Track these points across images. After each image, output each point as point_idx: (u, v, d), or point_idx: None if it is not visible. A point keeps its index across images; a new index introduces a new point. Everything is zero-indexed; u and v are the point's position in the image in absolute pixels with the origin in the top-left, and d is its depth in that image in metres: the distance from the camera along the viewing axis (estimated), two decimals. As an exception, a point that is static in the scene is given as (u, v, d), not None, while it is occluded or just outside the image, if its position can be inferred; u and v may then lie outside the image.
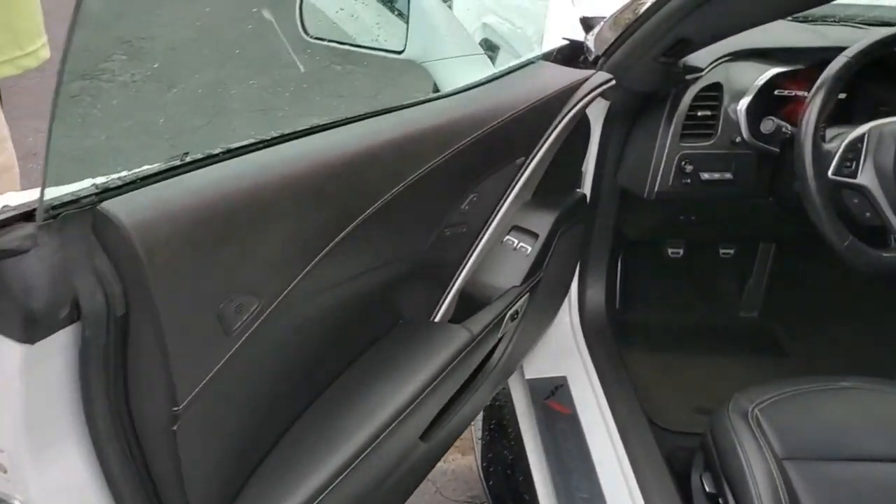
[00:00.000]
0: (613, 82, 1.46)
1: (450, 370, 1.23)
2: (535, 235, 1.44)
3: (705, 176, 1.57)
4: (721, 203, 1.62)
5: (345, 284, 1.08)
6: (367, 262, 1.10)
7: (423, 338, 1.23)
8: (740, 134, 1.58)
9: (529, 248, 1.43)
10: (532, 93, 1.40)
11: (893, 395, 1.43)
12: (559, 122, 1.42)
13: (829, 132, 1.41)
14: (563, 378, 1.75)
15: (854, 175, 1.34)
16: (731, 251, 2.10)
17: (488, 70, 1.53)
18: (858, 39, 1.61)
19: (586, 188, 1.80)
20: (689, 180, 1.57)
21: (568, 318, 1.87)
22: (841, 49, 1.60)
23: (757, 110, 1.64)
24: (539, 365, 1.75)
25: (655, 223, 1.74)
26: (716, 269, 2.25)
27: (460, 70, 1.50)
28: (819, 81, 1.34)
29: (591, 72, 1.48)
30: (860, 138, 1.34)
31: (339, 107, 4.28)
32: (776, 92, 1.66)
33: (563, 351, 1.81)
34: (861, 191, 1.35)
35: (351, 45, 1.42)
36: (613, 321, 1.90)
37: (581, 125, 1.60)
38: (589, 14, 1.92)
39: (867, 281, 1.37)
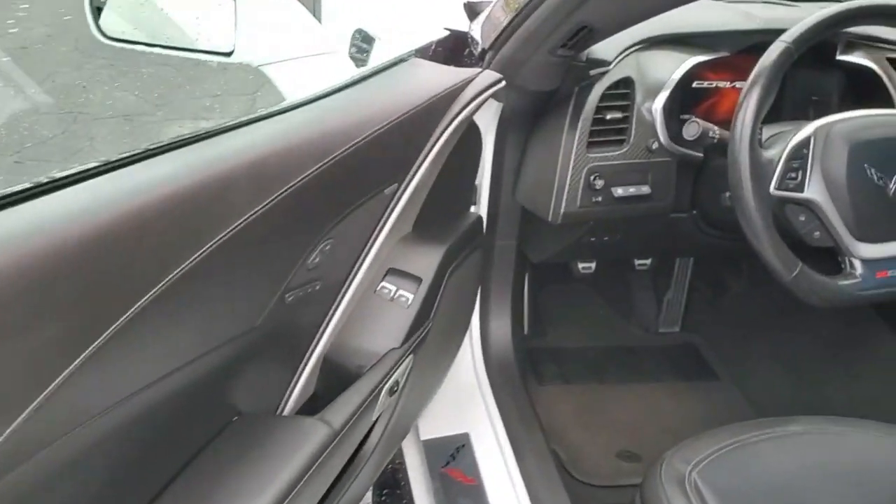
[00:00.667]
0: (503, 83, 1.17)
1: (309, 476, 0.92)
2: (418, 280, 1.14)
3: (619, 192, 1.30)
4: (638, 220, 1.36)
5: (146, 386, 0.75)
6: (170, 352, 0.77)
7: (263, 439, 0.91)
8: (657, 139, 1.32)
9: (410, 297, 1.12)
10: (401, 101, 1.09)
11: (848, 439, 1.20)
12: (439, 135, 1.12)
13: (766, 133, 1.16)
14: (466, 436, 1.46)
15: (800, 188, 1.09)
16: (648, 262, 1.86)
17: (350, 73, 1.22)
18: (791, 19, 1.37)
19: (482, 206, 1.52)
20: (599, 198, 1.30)
21: (469, 356, 1.59)
22: (773, 32, 1.36)
23: (675, 108, 1.39)
24: (436, 421, 1.46)
25: (562, 247, 1.47)
26: (631, 283, 2.01)
27: (311, 74, 1.18)
28: (754, 74, 1.09)
29: (476, 70, 1.18)
30: (805, 143, 1.10)
31: (214, 107, 3.87)
32: (694, 84, 1.41)
33: (465, 400, 1.52)
34: (809, 206, 1.10)
35: (163, 46, 1.08)
36: (521, 354, 1.63)
37: (469, 134, 1.31)
38: (475, -3, 1.63)
39: (815, 309, 1.14)
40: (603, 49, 1.30)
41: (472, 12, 1.60)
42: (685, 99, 1.42)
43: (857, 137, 1.10)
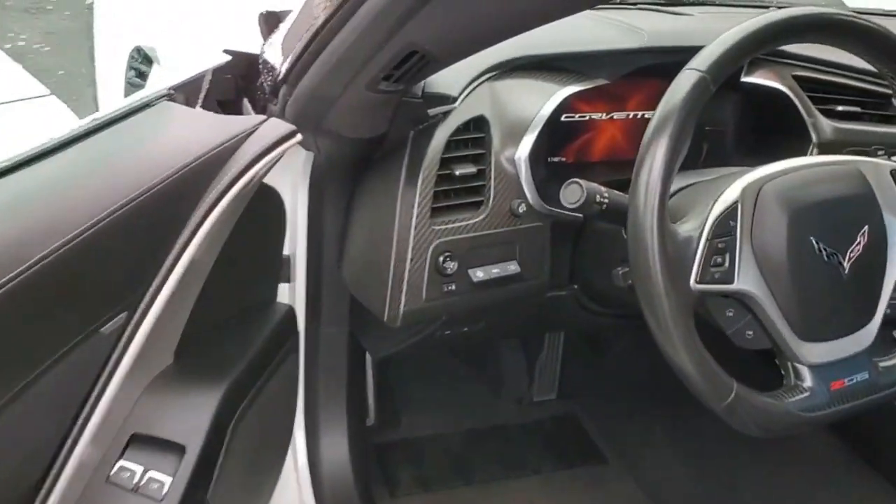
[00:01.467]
0: (298, 137, 0.78)
1: None
2: (180, 449, 0.73)
3: (478, 275, 0.94)
4: (505, 303, 1.01)
5: None
6: None
7: None
8: (524, 199, 0.97)
9: (167, 482, 0.71)
10: (134, 175, 0.69)
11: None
12: (201, 219, 0.72)
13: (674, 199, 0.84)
14: None
15: (729, 277, 0.77)
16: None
17: (60, 129, 0.78)
18: (683, 33, 1.06)
19: (298, 284, 1.12)
20: (452, 285, 0.93)
21: (294, 486, 1.19)
22: (662, 51, 1.04)
23: (541, 150, 1.05)
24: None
25: (406, 344, 1.09)
26: (499, 347, 1.67)
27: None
28: (659, 118, 0.76)
29: (256, 119, 0.79)
30: (730, 212, 0.78)
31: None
32: (563, 117, 1.08)
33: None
34: (740, 299, 0.79)
35: None
36: (363, 464, 1.25)
37: (261, 201, 0.91)
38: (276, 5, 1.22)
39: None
40: (444, 80, 0.94)
41: (269, 24, 1.19)
42: (552, 136, 1.08)
43: (798, 200, 0.80)
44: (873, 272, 0.82)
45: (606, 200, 0.84)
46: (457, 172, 0.94)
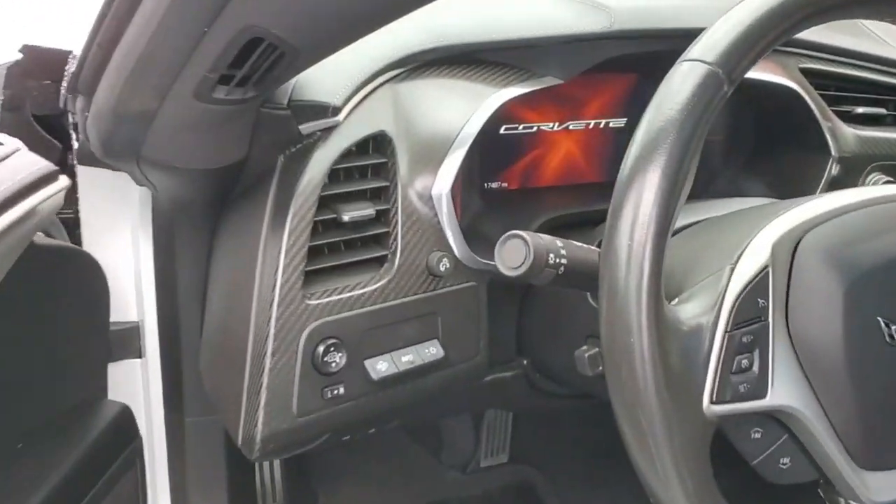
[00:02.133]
0: (62, 184, 0.48)
1: None
2: None
3: (381, 369, 0.64)
4: (426, 399, 0.72)
5: None
6: None
7: None
8: (446, 250, 0.68)
9: None
10: None
11: None
12: None
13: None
14: None
15: (761, 389, 0.49)
16: None
17: None
18: (671, 10, 0.78)
19: (150, 354, 0.82)
20: (340, 388, 0.64)
21: None
22: (634, 37, 0.76)
23: (473, 175, 0.77)
24: None
25: (292, 454, 0.79)
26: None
27: None
28: (644, 139, 0.47)
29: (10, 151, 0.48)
30: (758, 284, 0.49)
31: None
32: (503, 129, 0.80)
33: None
34: (775, 416, 0.51)
35: None
36: None
37: (60, 265, 0.61)
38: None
39: None
40: (322, 82, 0.64)
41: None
42: (488, 155, 0.80)
43: (855, 259, 0.52)
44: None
45: (564, 262, 0.55)
46: (345, 217, 0.64)
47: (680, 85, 0.47)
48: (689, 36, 0.53)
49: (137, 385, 0.83)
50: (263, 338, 0.61)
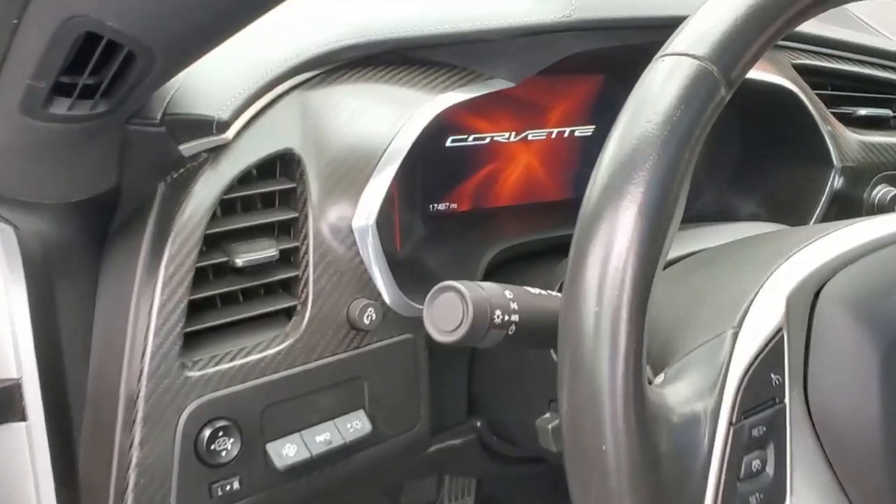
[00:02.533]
0: None
1: None
2: None
3: (288, 455, 0.51)
4: (353, 482, 0.58)
5: None
6: None
7: None
8: (373, 297, 0.55)
9: None
10: None
11: None
12: None
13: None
14: None
15: (779, 500, 0.36)
16: None
17: None
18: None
19: (33, 418, 0.68)
20: (235, 482, 0.50)
21: None
22: (619, 28, 0.63)
23: (410, 210, 0.64)
24: None
25: None
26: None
27: None
28: (619, 155, 0.34)
29: None
30: (771, 351, 0.37)
31: None
32: (450, 141, 0.67)
33: None
34: None
35: None
36: None
37: None
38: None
39: None
40: (206, 89, 0.50)
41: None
42: (434, 171, 0.67)
43: (890, 314, 0.39)
44: None
45: (515, 318, 0.42)
46: (238, 261, 0.50)
47: (661, 87, 0.34)
48: (666, 27, 0.40)
49: (23, 452, 0.69)
50: (131, 421, 0.48)
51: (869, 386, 0.38)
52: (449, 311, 0.41)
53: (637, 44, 0.54)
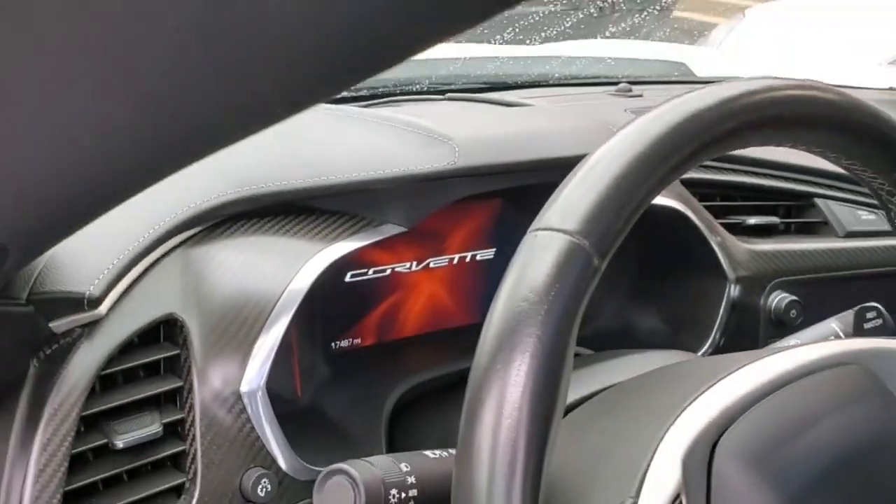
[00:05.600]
0: None
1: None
2: None
3: None
4: None
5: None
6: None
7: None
8: (270, 468, 0.52)
9: None
10: None
11: None
12: None
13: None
14: None
15: None
16: None
17: None
18: (525, 139, 0.65)
19: None
20: None
21: None
22: (502, 173, 0.64)
23: (311, 351, 0.62)
24: None
25: None
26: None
27: None
28: (499, 336, 0.33)
29: None
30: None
31: None
32: (349, 276, 0.65)
33: None
34: None
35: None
36: None
37: None
38: None
39: None
40: (76, 263, 0.48)
41: None
42: (330, 308, 0.65)
43: (790, 473, 0.39)
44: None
45: (414, 494, 0.40)
46: (119, 443, 0.47)
47: (537, 265, 0.34)
48: (552, 167, 0.40)
49: None
50: None
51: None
52: (340, 498, 0.39)
53: (519, 186, 0.54)
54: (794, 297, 0.75)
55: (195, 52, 0.21)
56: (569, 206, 0.35)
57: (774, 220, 0.80)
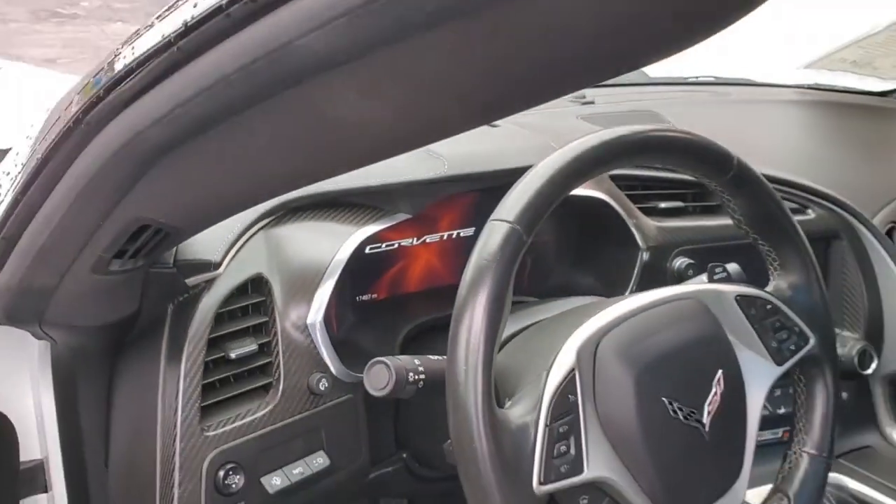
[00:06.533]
0: None
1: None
2: None
3: (276, 483, 0.74)
4: (322, 500, 0.82)
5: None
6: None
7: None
8: (325, 371, 0.79)
9: None
10: None
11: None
12: None
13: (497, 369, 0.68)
14: None
15: (578, 467, 0.62)
16: None
17: None
18: (490, 155, 0.93)
19: (56, 488, 0.87)
20: (242, 503, 0.73)
21: None
22: (465, 179, 0.91)
23: (345, 292, 0.88)
24: None
25: None
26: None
27: None
28: (470, 279, 0.61)
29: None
30: (568, 384, 0.63)
31: None
32: (368, 249, 0.92)
33: None
34: (597, 487, 0.64)
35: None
36: None
37: None
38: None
39: None
40: (202, 240, 0.75)
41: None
42: (357, 273, 0.92)
43: (641, 355, 0.67)
44: (735, 423, 0.71)
45: (423, 377, 0.68)
46: (232, 354, 0.74)
47: (489, 239, 0.61)
48: (510, 174, 0.67)
49: None
50: (170, 470, 0.70)
51: (629, 398, 0.65)
52: (379, 377, 0.66)
53: (490, 186, 0.81)
54: (691, 261, 1.02)
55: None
56: (512, 204, 0.62)
57: (680, 204, 1.07)
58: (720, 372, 0.69)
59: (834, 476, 1.05)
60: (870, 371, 1.11)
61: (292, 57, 0.41)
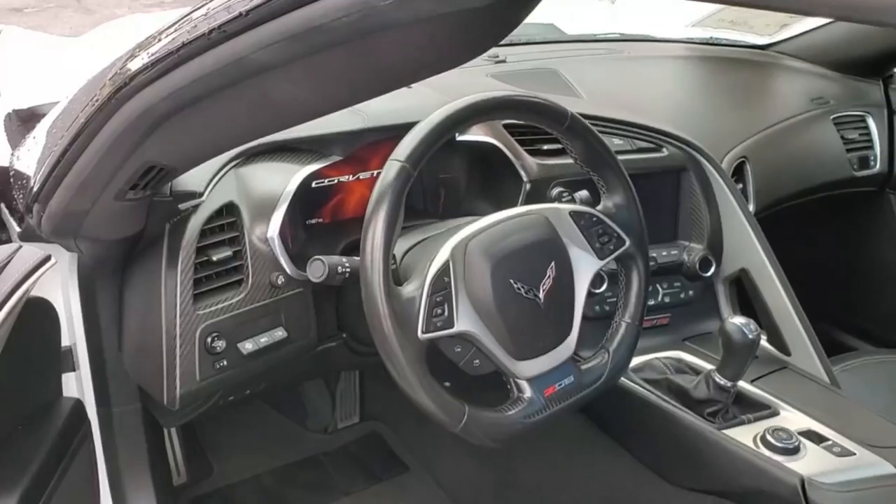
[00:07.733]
0: (52, 263, 0.86)
1: None
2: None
3: (247, 347, 1.05)
4: (279, 364, 1.13)
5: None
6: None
7: None
8: (281, 271, 1.09)
9: None
10: None
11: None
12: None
13: (399, 246, 1.00)
14: None
15: (450, 323, 0.94)
16: None
17: None
18: (401, 110, 1.22)
19: (83, 374, 1.18)
20: (224, 361, 1.04)
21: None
22: (382, 130, 1.20)
23: (296, 216, 1.18)
24: None
25: (194, 414, 1.18)
26: (302, 385, 1.78)
27: None
28: (374, 199, 0.91)
29: (8, 249, 0.85)
30: (444, 270, 0.94)
31: None
32: (314, 184, 1.21)
33: None
34: (464, 337, 0.95)
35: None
36: None
37: (33, 310, 0.97)
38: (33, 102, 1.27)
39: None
40: (191, 176, 1.04)
41: (21, 127, 1.24)
42: (307, 202, 1.21)
43: (496, 251, 0.98)
44: (564, 297, 1.02)
45: (348, 269, 0.99)
46: (214, 258, 1.04)
47: (386, 173, 0.91)
48: (410, 126, 0.97)
49: (72, 391, 1.18)
50: (173, 338, 1.01)
51: (487, 280, 0.96)
52: (317, 268, 0.97)
53: (401, 135, 1.11)
54: (565, 190, 1.33)
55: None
56: (403, 148, 0.92)
57: (558, 146, 1.37)
58: (553, 263, 1.01)
59: (675, 352, 1.39)
60: (709, 274, 1.44)
61: (249, 63, 0.70)
